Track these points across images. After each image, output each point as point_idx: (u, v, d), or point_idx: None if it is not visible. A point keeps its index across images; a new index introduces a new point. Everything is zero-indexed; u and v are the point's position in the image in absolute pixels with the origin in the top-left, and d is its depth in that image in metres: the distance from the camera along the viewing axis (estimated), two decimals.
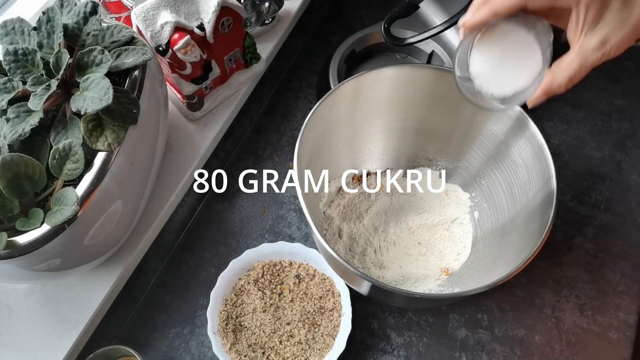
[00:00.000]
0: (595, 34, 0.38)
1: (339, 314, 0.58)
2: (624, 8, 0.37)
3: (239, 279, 0.61)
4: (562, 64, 0.40)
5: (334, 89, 0.55)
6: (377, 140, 0.64)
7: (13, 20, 0.50)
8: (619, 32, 0.38)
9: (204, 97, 0.67)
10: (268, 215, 0.68)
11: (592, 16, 0.37)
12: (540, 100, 0.41)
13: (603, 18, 0.37)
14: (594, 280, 0.61)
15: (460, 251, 0.61)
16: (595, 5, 0.37)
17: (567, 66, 0.39)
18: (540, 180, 0.51)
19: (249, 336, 0.58)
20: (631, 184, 0.67)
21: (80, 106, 0.45)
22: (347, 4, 0.87)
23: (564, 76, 0.39)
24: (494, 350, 0.58)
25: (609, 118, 0.72)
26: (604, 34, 0.38)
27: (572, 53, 0.39)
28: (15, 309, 0.57)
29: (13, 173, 0.43)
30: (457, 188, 0.64)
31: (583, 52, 0.39)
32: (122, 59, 0.49)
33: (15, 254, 0.43)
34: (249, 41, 0.66)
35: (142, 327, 0.61)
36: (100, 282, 0.57)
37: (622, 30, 0.38)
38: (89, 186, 0.46)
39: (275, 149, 0.73)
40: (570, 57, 0.39)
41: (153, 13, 0.56)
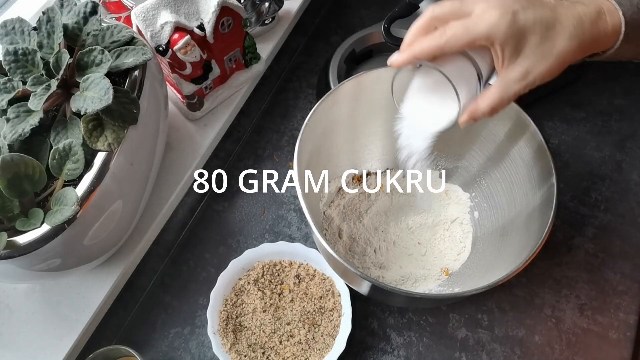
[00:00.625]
0: (516, 67, 0.40)
1: (339, 314, 0.58)
2: (543, 42, 0.39)
3: (239, 279, 0.61)
4: (485, 94, 0.42)
5: (334, 89, 0.55)
6: (377, 140, 0.64)
7: (13, 20, 0.50)
8: (542, 64, 0.40)
9: (204, 97, 0.67)
10: (268, 215, 0.68)
11: (509, 52, 0.39)
12: (468, 123, 0.43)
13: (522, 52, 0.39)
14: (594, 280, 0.61)
15: (460, 251, 0.61)
16: (510, 43, 0.39)
17: (488, 97, 0.41)
18: (540, 180, 0.51)
19: (249, 336, 0.58)
20: (631, 184, 0.67)
21: (80, 106, 0.45)
22: (347, 4, 0.87)
23: (485, 105, 0.42)
24: (494, 350, 0.58)
25: (609, 118, 0.72)
26: (526, 67, 0.40)
27: (495, 85, 0.41)
28: (15, 309, 0.57)
29: (13, 173, 0.43)
30: (457, 188, 0.64)
31: (504, 83, 0.41)
32: (122, 59, 0.49)
33: (15, 254, 0.44)
34: (249, 41, 0.66)
35: (142, 327, 0.61)
36: (100, 282, 0.57)
37: (544, 61, 0.40)
38: (89, 186, 0.46)
39: (275, 149, 0.73)
40: (492, 89, 0.41)
41: (153, 13, 0.56)
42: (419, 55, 0.41)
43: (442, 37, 0.39)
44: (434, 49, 0.40)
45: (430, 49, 0.40)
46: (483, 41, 0.39)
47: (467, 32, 0.39)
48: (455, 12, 0.40)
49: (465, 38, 0.39)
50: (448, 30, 0.39)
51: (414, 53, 0.41)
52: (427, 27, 0.42)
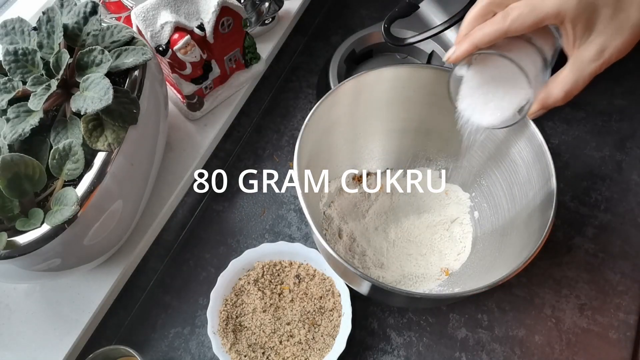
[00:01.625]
0: (590, 45, 0.37)
1: (339, 314, 0.58)
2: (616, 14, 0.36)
3: (239, 279, 0.61)
4: (557, 78, 0.39)
5: (334, 89, 0.55)
6: (377, 140, 0.64)
7: (13, 20, 0.50)
8: (617, 38, 0.36)
9: (204, 97, 0.67)
10: (268, 215, 0.68)
11: (581, 30, 0.36)
12: (539, 114, 0.40)
13: (595, 28, 0.36)
14: (594, 280, 0.61)
15: (460, 251, 0.61)
16: (582, 19, 0.36)
17: (562, 81, 0.38)
18: (540, 180, 0.51)
19: (249, 336, 0.58)
20: (631, 184, 0.67)
21: (80, 106, 0.45)
22: (347, 4, 0.87)
23: (559, 91, 0.39)
24: (494, 350, 0.58)
25: (609, 118, 0.72)
26: (600, 44, 0.37)
27: (568, 67, 0.38)
28: (15, 309, 0.57)
29: (13, 173, 0.43)
30: (457, 188, 0.64)
31: (578, 65, 0.38)
32: (122, 59, 0.49)
33: (15, 254, 0.44)
34: (249, 41, 0.66)
35: (142, 327, 0.61)
36: (100, 282, 0.57)
37: (620, 36, 0.36)
38: (89, 186, 0.46)
39: (275, 149, 0.73)
40: (565, 72, 0.38)
41: (153, 13, 0.56)
42: (480, 42, 0.37)
43: (505, 20, 0.36)
44: (498, 34, 0.36)
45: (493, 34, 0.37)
46: (552, 19, 0.35)
47: (533, 11, 0.35)
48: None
49: (532, 18, 0.35)
50: (512, 11, 0.36)
51: (475, 41, 0.37)
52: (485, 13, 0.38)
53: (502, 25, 0.36)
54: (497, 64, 0.41)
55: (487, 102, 0.43)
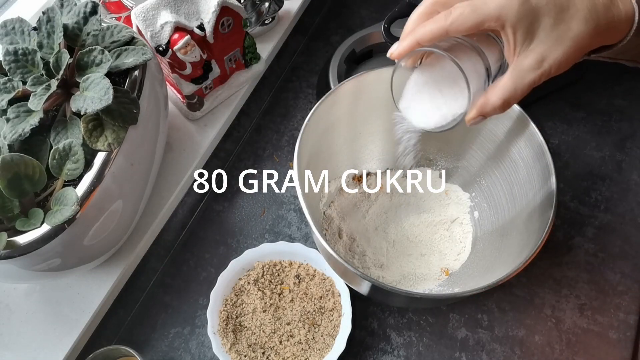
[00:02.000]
0: (530, 53, 0.37)
1: (339, 314, 0.58)
2: (557, 24, 0.36)
3: (239, 279, 0.61)
4: (496, 85, 0.38)
5: (334, 89, 0.55)
6: (377, 140, 0.64)
7: (13, 20, 0.50)
8: (558, 49, 0.36)
9: (204, 97, 0.67)
10: (268, 215, 0.68)
11: (522, 36, 0.36)
12: (477, 120, 0.40)
13: (536, 36, 0.36)
14: (594, 280, 0.61)
15: (460, 251, 0.61)
16: (522, 25, 0.36)
17: (501, 88, 0.38)
18: (540, 180, 0.51)
19: (249, 336, 0.58)
20: (631, 184, 0.67)
21: (80, 106, 0.45)
22: (347, 4, 0.87)
23: (497, 98, 0.38)
24: (494, 350, 0.58)
25: (609, 118, 0.72)
26: (540, 53, 0.36)
27: (507, 74, 0.38)
28: (15, 309, 0.57)
29: (13, 173, 0.43)
30: (457, 188, 0.64)
31: (517, 72, 0.37)
32: (122, 59, 0.49)
33: (15, 254, 0.44)
34: (249, 41, 0.66)
35: (142, 327, 0.61)
36: (100, 282, 0.57)
37: (560, 47, 0.36)
38: (89, 186, 0.46)
39: (275, 149, 0.73)
40: (504, 79, 0.38)
41: (153, 13, 0.56)
42: (421, 39, 0.37)
43: (447, 19, 0.36)
44: (438, 32, 0.37)
45: (435, 32, 0.37)
46: (492, 22, 0.36)
47: (474, 13, 0.36)
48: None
49: (473, 19, 0.36)
50: (454, 10, 0.36)
51: (417, 38, 0.38)
52: (429, 12, 0.39)
53: (444, 24, 0.36)
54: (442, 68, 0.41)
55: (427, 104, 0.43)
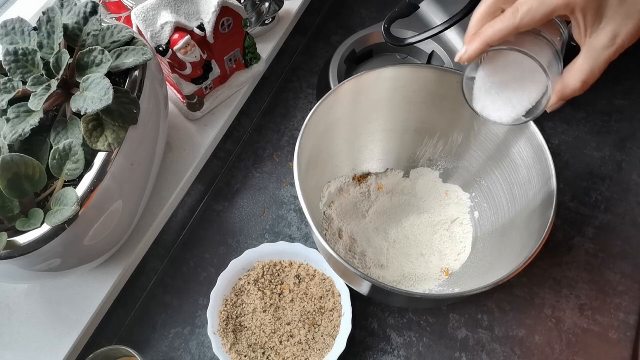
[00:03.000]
0: (602, 32, 0.37)
1: (339, 314, 0.58)
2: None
3: (239, 279, 0.61)
4: (572, 68, 0.38)
5: (334, 89, 0.55)
6: (377, 140, 0.64)
7: (13, 20, 0.50)
8: (628, 23, 0.36)
9: (204, 97, 0.67)
10: (268, 215, 0.68)
11: (591, 18, 0.36)
12: (557, 106, 0.40)
13: (605, 14, 0.36)
14: (594, 280, 0.61)
15: (460, 251, 0.61)
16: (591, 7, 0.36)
17: (577, 71, 0.38)
18: (540, 180, 0.51)
19: (249, 336, 0.58)
20: (631, 184, 0.67)
21: (80, 106, 0.45)
22: (347, 4, 0.87)
23: (575, 81, 0.38)
24: (494, 350, 0.58)
25: (609, 118, 0.72)
26: (612, 30, 0.36)
27: (581, 56, 0.38)
28: (15, 309, 0.57)
29: (13, 173, 0.43)
30: (457, 188, 0.64)
31: (592, 53, 0.37)
32: (122, 59, 0.49)
33: (15, 254, 0.43)
34: (249, 41, 0.66)
35: (142, 327, 0.61)
36: (100, 282, 0.57)
37: (630, 20, 0.36)
38: (89, 186, 0.46)
39: (275, 149, 0.73)
40: (580, 61, 0.38)
41: (153, 13, 0.56)
42: (491, 40, 0.37)
43: (515, 16, 0.35)
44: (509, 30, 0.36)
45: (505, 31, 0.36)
46: (562, 10, 0.35)
47: (543, 4, 0.35)
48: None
49: (542, 10, 0.35)
50: (521, 6, 0.35)
51: (486, 39, 0.37)
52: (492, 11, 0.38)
53: (513, 21, 0.36)
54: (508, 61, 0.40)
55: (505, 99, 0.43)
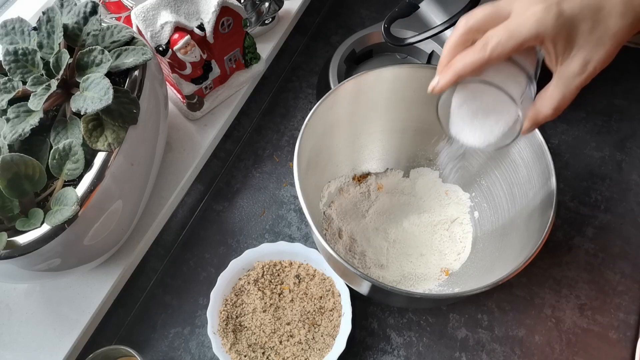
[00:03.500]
0: (573, 60, 0.37)
1: (339, 314, 0.58)
2: (595, 26, 0.36)
3: (239, 279, 0.61)
4: (544, 95, 0.39)
5: (334, 89, 0.55)
6: (377, 140, 0.64)
7: (13, 20, 0.50)
8: (599, 50, 0.37)
9: (204, 97, 0.67)
10: (268, 215, 0.68)
11: (562, 47, 0.36)
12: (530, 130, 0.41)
13: (576, 43, 0.36)
14: (594, 280, 0.61)
15: (460, 251, 0.61)
16: (561, 37, 0.36)
17: (549, 98, 0.39)
18: (540, 180, 0.51)
19: (249, 336, 0.58)
20: (631, 184, 0.67)
21: (80, 106, 0.45)
22: (347, 4, 0.87)
23: (547, 108, 0.39)
24: (494, 350, 0.58)
25: (609, 118, 0.72)
26: (583, 58, 0.37)
27: (553, 83, 0.38)
28: (15, 309, 0.57)
29: (13, 173, 0.43)
30: (457, 188, 0.64)
31: (563, 80, 0.38)
32: (122, 59, 0.49)
33: (15, 254, 0.43)
34: (249, 41, 0.66)
35: (142, 327, 0.61)
36: (100, 282, 0.57)
37: (602, 47, 0.37)
38: (89, 186, 0.46)
39: (275, 149, 0.73)
40: (551, 88, 0.38)
41: (153, 13, 0.56)
42: (462, 72, 0.37)
43: (485, 49, 0.36)
44: (479, 63, 0.36)
45: (475, 64, 0.37)
46: (532, 42, 0.36)
47: (512, 37, 0.35)
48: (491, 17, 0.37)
49: (512, 43, 0.35)
50: (491, 39, 0.36)
51: (457, 72, 0.38)
52: (463, 42, 0.38)
53: (483, 55, 0.36)
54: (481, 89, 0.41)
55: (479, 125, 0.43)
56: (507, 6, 0.36)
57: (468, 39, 0.38)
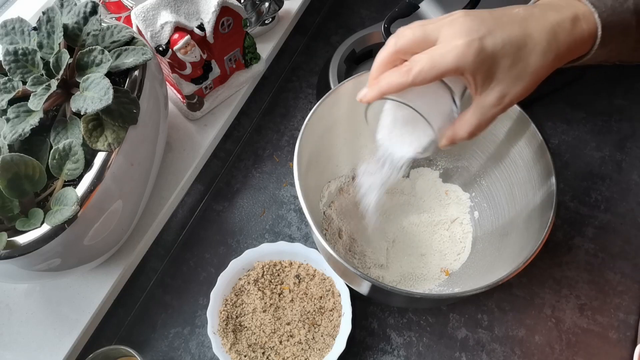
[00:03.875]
0: (491, 92, 0.38)
1: (339, 314, 0.58)
2: (516, 63, 0.37)
3: (239, 279, 0.61)
4: (462, 119, 0.41)
5: (334, 89, 0.55)
6: None
7: (13, 20, 0.50)
8: (517, 85, 0.38)
9: (204, 97, 0.67)
10: (268, 215, 0.68)
11: (481, 79, 0.38)
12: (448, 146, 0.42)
13: (495, 77, 0.38)
14: (594, 280, 0.61)
15: (460, 251, 0.61)
16: (481, 71, 0.37)
17: (466, 123, 0.40)
18: (540, 180, 0.51)
19: (249, 336, 0.58)
20: (631, 184, 0.67)
21: (80, 106, 0.45)
22: (347, 4, 0.87)
23: (464, 131, 0.41)
24: (494, 350, 0.58)
25: (609, 118, 0.72)
26: (500, 91, 0.38)
27: (471, 110, 0.40)
28: (15, 309, 0.57)
29: (13, 173, 0.43)
30: (457, 188, 0.64)
31: (480, 109, 0.39)
32: (122, 59, 0.49)
33: (15, 254, 0.43)
34: (249, 41, 0.66)
35: (142, 327, 0.61)
36: (100, 282, 0.57)
37: (519, 82, 0.38)
38: (89, 186, 0.46)
39: (275, 149, 0.73)
40: (469, 115, 0.40)
41: (153, 13, 0.56)
42: (386, 91, 0.39)
43: (409, 75, 0.38)
44: (402, 86, 0.38)
45: (398, 86, 0.39)
46: (452, 73, 0.37)
47: (434, 68, 0.37)
48: (419, 41, 0.38)
49: (433, 74, 0.37)
50: (414, 66, 0.37)
51: (382, 89, 0.40)
52: (391, 61, 0.40)
53: (407, 79, 0.38)
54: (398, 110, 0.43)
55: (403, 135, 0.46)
56: (435, 32, 0.38)
57: (396, 59, 0.40)
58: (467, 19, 0.37)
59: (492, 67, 0.37)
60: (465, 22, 0.37)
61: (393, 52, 0.40)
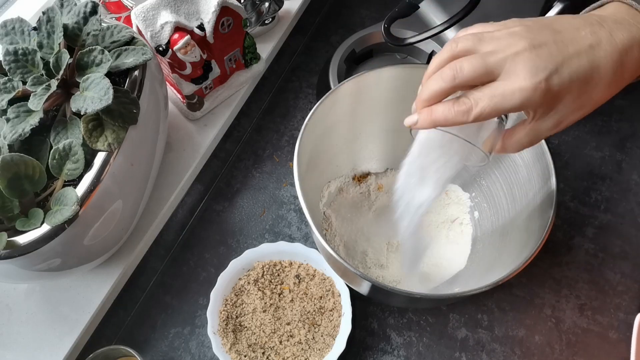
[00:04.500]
0: (549, 119, 0.37)
1: (339, 314, 0.58)
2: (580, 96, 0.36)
3: (239, 279, 0.61)
4: (513, 137, 0.40)
5: (334, 89, 0.55)
6: (377, 140, 0.64)
7: (13, 20, 0.50)
8: (576, 114, 0.37)
9: (204, 97, 0.67)
10: (268, 215, 0.68)
11: (542, 112, 0.37)
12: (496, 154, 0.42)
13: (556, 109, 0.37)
14: (594, 280, 0.61)
15: (460, 251, 0.61)
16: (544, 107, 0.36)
17: (517, 142, 0.40)
18: (540, 180, 0.51)
19: (249, 336, 0.58)
20: (631, 184, 0.67)
21: (80, 106, 0.45)
22: (347, 4, 0.87)
23: (514, 149, 0.40)
24: (494, 350, 0.58)
25: (609, 118, 0.72)
26: (559, 119, 0.37)
27: (524, 131, 0.39)
28: (15, 309, 0.57)
29: (13, 173, 0.43)
30: (457, 188, 0.64)
31: (535, 132, 0.39)
32: (122, 59, 0.49)
33: (15, 254, 0.43)
34: (249, 41, 0.66)
35: (142, 327, 0.61)
36: (100, 282, 0.57)
37: (580, 112, 0.37)
38: (89, 186, 0.46)
39: (275, 149, 0.73)
40: (521, 135, 0.39)
41: (153, 13, 0.56)
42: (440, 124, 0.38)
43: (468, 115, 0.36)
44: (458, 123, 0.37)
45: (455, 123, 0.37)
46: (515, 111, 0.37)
47: (496, 110, 0.35)
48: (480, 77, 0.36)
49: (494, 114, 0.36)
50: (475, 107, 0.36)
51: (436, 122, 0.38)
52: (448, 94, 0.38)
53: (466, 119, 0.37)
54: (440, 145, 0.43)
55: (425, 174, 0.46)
56: (497, 66, 0.35)
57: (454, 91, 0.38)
58: (532, 54, 0.34)
59: (555, 101, 0.36)
60: (530, 58, 0.34)
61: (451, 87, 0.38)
